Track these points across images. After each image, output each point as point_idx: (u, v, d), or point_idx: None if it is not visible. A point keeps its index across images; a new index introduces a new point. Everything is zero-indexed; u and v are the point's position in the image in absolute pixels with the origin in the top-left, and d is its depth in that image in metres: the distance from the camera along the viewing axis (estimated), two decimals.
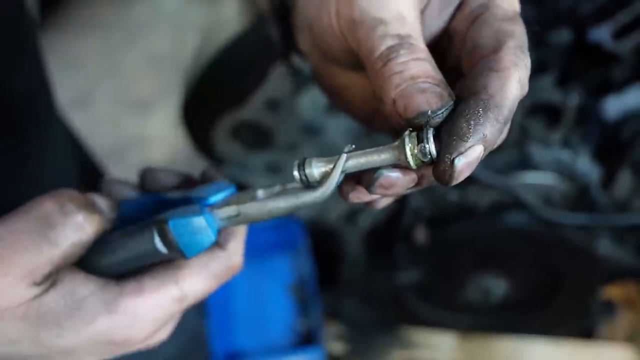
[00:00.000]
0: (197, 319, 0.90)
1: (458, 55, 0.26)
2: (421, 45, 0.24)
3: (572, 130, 0.75)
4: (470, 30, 0.25)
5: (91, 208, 0.26)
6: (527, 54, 0.24)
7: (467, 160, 0.22)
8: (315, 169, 0.25)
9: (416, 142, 0.22)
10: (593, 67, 0.76)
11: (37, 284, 0.25)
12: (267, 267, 1.32)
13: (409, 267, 0.83)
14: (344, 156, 0.24)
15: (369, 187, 0.24)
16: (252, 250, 1.34)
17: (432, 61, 0.24)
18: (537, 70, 0.71)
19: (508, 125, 0.25)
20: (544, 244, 0.82)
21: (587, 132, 0.75)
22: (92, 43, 2.50)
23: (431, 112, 0.22)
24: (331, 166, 0.25)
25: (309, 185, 0.26)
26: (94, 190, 0.30)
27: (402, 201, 0.79)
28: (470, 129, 0.21)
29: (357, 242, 0.91)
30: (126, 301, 0.27)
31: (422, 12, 0.25)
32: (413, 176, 0.24)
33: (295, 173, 0.25)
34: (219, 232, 0.28)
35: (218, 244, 0.29)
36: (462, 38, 0.26)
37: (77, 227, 0.25)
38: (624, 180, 0.77)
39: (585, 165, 0.76)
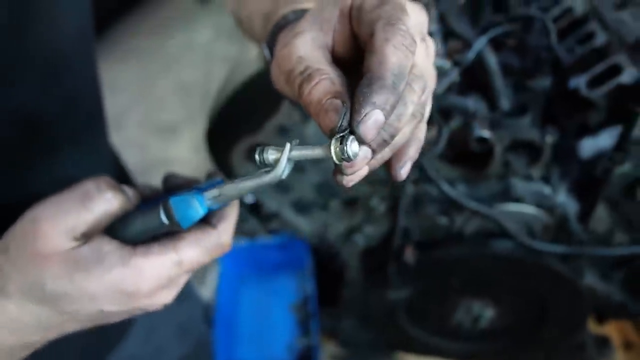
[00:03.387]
0: (204, 327, 0.96)
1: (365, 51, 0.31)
2: (320, 69, 0.29)
3: (551, 166, 0.83)
4: (359, 31, 0.31)
5: (118, 190, 0.35)
6: (399, 23, 0.28)
7: (364, 124, 0.27)
8: (269, 155, 0.32)
9: (339, 144, 0.29)
10: (574, 111, 0.85)
11: (76, 239, 0.33)
12: (272, 285, 1.39)
13: (400, 285, 0.90)
14: (288, 146, 0.32)
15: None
16: (259, 269, 1.42)
17: (331, 75, 0.29)
18: (518, 111, 0.80)
19: (415, 87, 0.30)
20: (528, 270, 0.89)
21: (566, 169, 0.83)
22: (129, 70, 2.73)
23: (334, 127, 0.28)
24: (277, 155, 0.32)
25: (265, 167, 0.32)
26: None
27: (393, 221, 0.87)
28: (362, 101, 0.27)
29: (355, 260, 0.99)
30: (136, 259, 0.33)
31: (333, 38, 0.32)
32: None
33: (257, 157, 0.32)
34: (211, 211, 0.35)
35: (211, 224, 0.36)
36: (359, 37, 0.32)
37: (106, 200, 0.34)
38: (600, 214, 0.84)
39: (564, 200, 0.84)
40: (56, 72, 0.42)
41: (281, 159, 0.31)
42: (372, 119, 0.26)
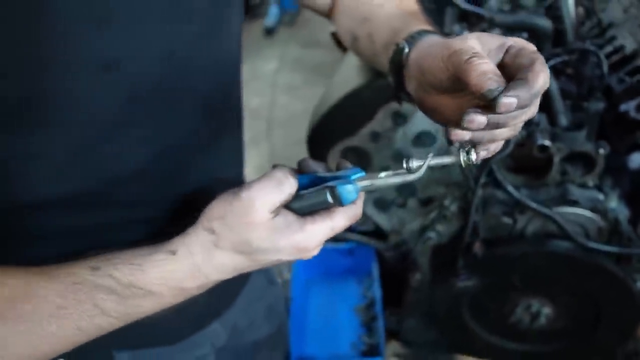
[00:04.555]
0: (284, 313, 1.11)
1: (509, 74, 0.46)
2: (486, 57, 0.43)
3: (604, 176, 1.03)
4: (514, 60, 0.44)
5: (295, 176, 0.46)
6: (547, 66, 0.42)
7: (506, 100, 0.39)
8: (413, 163, 0.45)
9: (464, 154, 0.43)
10: (624, 132, 1.05)
11: (272, 212, 0.45)
12: (339, 289, 1.60)
13: (468, 277, 1.10)
14: (430, 157, 0.45)
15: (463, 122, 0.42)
16: (327, 274, 1.64)
17: (494, 65, 0.42)
18: (575, 127, 1.02)
19: (535, 102, 0.43)
20: (584, 270, 1.07)
21: (617, 179, 1.03)
22: None
23: (491, 89, 0.40)
24: (421, 162, 0.44)
25: (408, 170, 0.48)
26: None
27: (464, 220, 1.09)
28: (515, 88, 0.40)
29: (425, 257, 1.20)
30: (307, 226, 0.46)
31: (489, 54, 0.45)
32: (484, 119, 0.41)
33: (404, 164, 0.45)
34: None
35: (353, 202, 0.46)
36: (509, 65, 0.44)
37: (291, 185, 0.45)
38: None
39: (615, 205, 1.03)
40: (225, 71, 0.57)
41: (424, 165, 0.44)
42: (511, 100, 0.40)
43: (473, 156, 0.43)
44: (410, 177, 0.45)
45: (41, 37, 0.40)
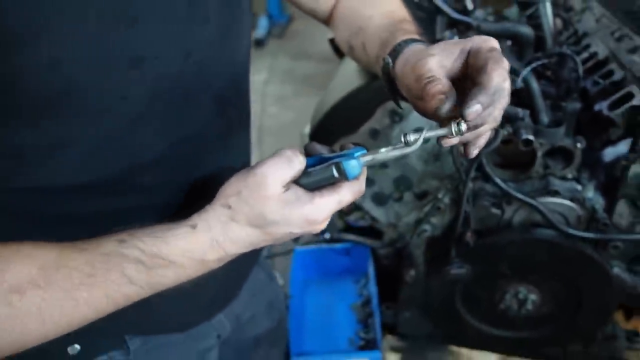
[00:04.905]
0: (284, 310, 1.08)
1: (472, 73, 0.50)
2: (439, 77, 0.50)
3: (581, 169, 1.16)
4: (474, 61, 0.50)
5: (302, 154, 0.50)
6: (503, 61, 0.48)
7: (470, 110, 0.46)
8: (410, 137, 0.49)
9: (455, 125, 0.48)
10: (598, 129, 1.19)
11: (283, 187, 0.48)
12: (337, 288, 1.69)
13: (461, 265, 1.21)
14: (425, 130, 0.49)
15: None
16: (324, 274, 1.75)
17: (444, 81, 0.49)
18: (555, 124, 1.15)
19: (503, 95, 0.48)
20: (566, 255, 1.19)
21: (593, 171, 1.16)
22: None
23: (440, 107, 0.48)
24: (418, 136, 0.48)
25: (406, 143, 0.49)
26: None
27: (456, 212, 1.20)
28: (473, 98, 0.46)
29: (420, 249, 1.30)
30: (316, 199, 0.49)
31: (452, 63, 0.52)
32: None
33: (402, 138, 0.49)
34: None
35: (356, 178, 0.50)
36: (471, 65, 0.50)
37: (300, 162, 0.49)
38: (622, 210, 1.15)
39: (592, 195, 1.16)
40: (236, 69, 0.63)
41: (420, 137, 0.49)
42: (475, 108, 0.46)
43: (463, 127, 0.48)
44: (408, 150, 0.49)
45: (79, 36, 0.44)
